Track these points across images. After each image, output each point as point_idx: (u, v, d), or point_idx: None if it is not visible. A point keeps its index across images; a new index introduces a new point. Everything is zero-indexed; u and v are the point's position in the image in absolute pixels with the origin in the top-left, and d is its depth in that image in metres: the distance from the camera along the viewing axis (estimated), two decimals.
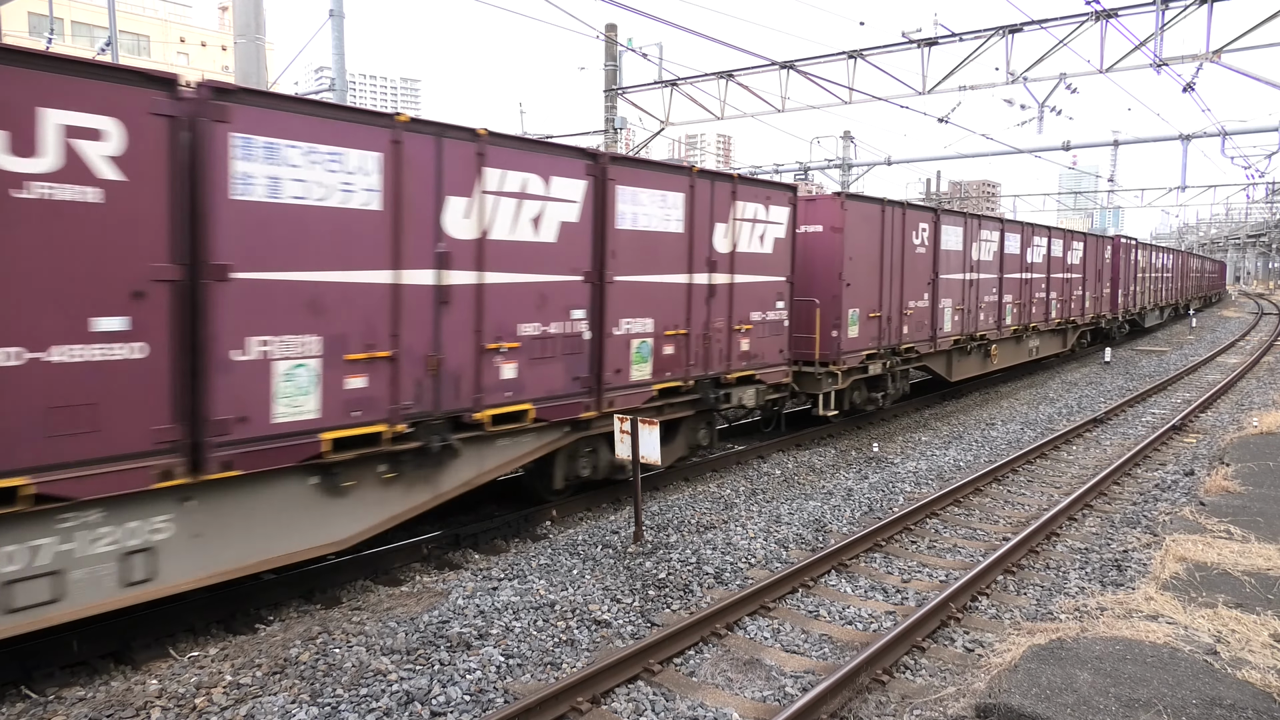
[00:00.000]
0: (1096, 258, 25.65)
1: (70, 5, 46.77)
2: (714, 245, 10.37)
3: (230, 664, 5.73)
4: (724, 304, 10.57)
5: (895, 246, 14.38)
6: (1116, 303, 27.92)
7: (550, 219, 8.14)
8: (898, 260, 14.47)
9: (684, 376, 10.00)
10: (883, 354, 14.16)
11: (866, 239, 13.53)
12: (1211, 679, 4.88)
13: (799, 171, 32.58)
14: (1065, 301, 22.89)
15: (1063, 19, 16.11)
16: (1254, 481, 9.70)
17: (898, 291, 14.50)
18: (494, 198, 7.59)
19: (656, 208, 9.45)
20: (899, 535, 8.76)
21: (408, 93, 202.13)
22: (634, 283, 9.19)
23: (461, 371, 7.36)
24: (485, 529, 8.59)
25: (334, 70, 13.38)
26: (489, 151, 7.50)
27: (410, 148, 6.88)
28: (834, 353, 12.85)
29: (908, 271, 14.71)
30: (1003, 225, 18.71)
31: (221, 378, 5.78)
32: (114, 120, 5.19)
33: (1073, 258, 23.50)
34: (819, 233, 13.00)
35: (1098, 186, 64.47)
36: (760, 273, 11.13)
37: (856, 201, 13.44)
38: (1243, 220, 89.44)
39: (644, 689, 5.49)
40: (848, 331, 13.13)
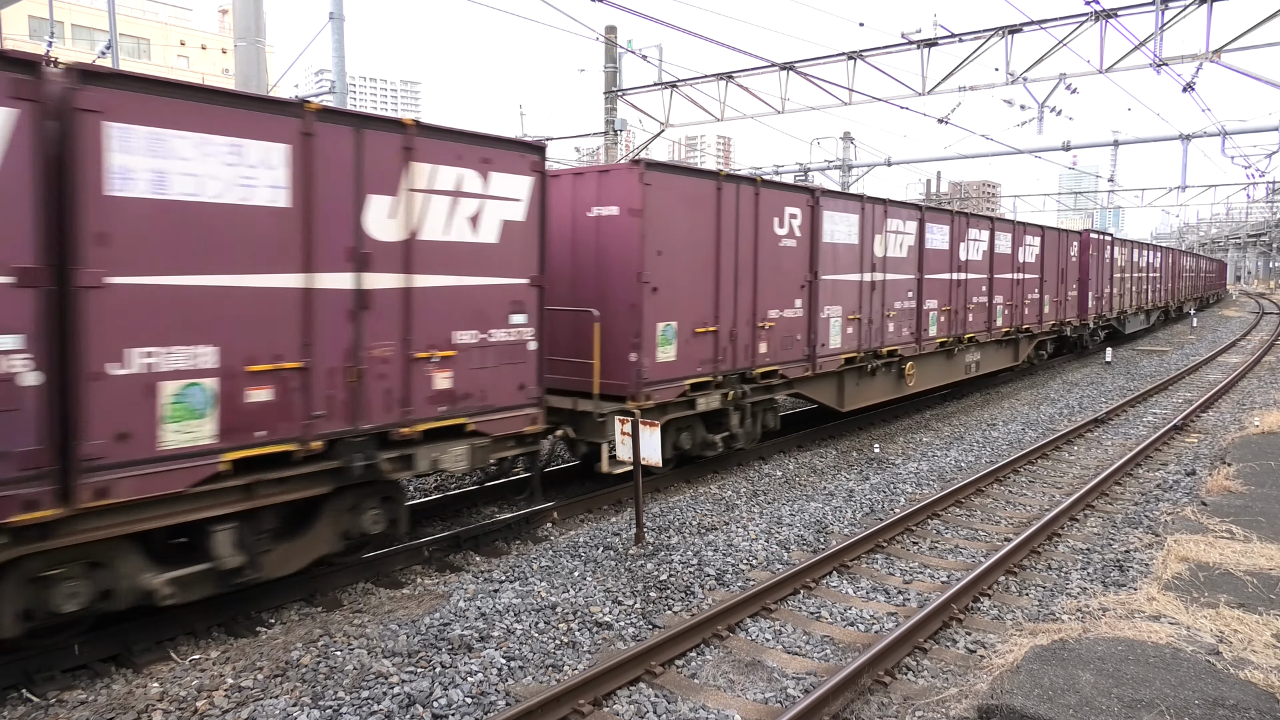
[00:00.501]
0: (1059, 255, 22.24)
1: (70, 9, 46.83)
2: (364, 229, 6.69)
3: (232, 667, 5.72)
4: (392, 320, 6.89)
5: (744, 238, 10.85)
6: (1086, 307, 24.50)
7: None
8: (748, 256, 10.92)
9: (298, 437, 6.29)
10: (722, 382, 10.66)
11: (689, 226, 10.01)
12: (1214, 679, 4.87)
13: (799, 172, 32.59)
14: (1015, 307, 19.36)
15: (1062, 19, 16.11)
16: (1256, 481, 9.69)
17: (748, 298, 10.94)
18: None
19: (214, 164, 5.80)
20: (900, 536, 8.75)
21: (408, 95, 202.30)
22: (153, 286, 5.55)
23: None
24: (486, 531, 8.59)
25: (334, 73, 13.39)
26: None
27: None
28: (633, 384, 9.42)
29: (766, 271, 11.21)
30: (922, 215, 15.23)
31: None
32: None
33: (1026, 255, 20.06)
34: (614, 217, 9.58)
35: (1098, 187, 64.48)
36: (470, 272, 7.49)
37: (669, 174, 9.77)
38: (1243, 220, 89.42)
39: (646, 691, 5.49)
40: (657, 354, 9.62)
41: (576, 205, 9.99)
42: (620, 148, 21.69)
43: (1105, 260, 26.61)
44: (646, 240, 9.43)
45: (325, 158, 6.38)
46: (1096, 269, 25.44)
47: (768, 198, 11.28)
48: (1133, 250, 31.15)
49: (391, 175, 6.85)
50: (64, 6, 45.00)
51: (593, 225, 9.80)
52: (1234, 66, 15.49)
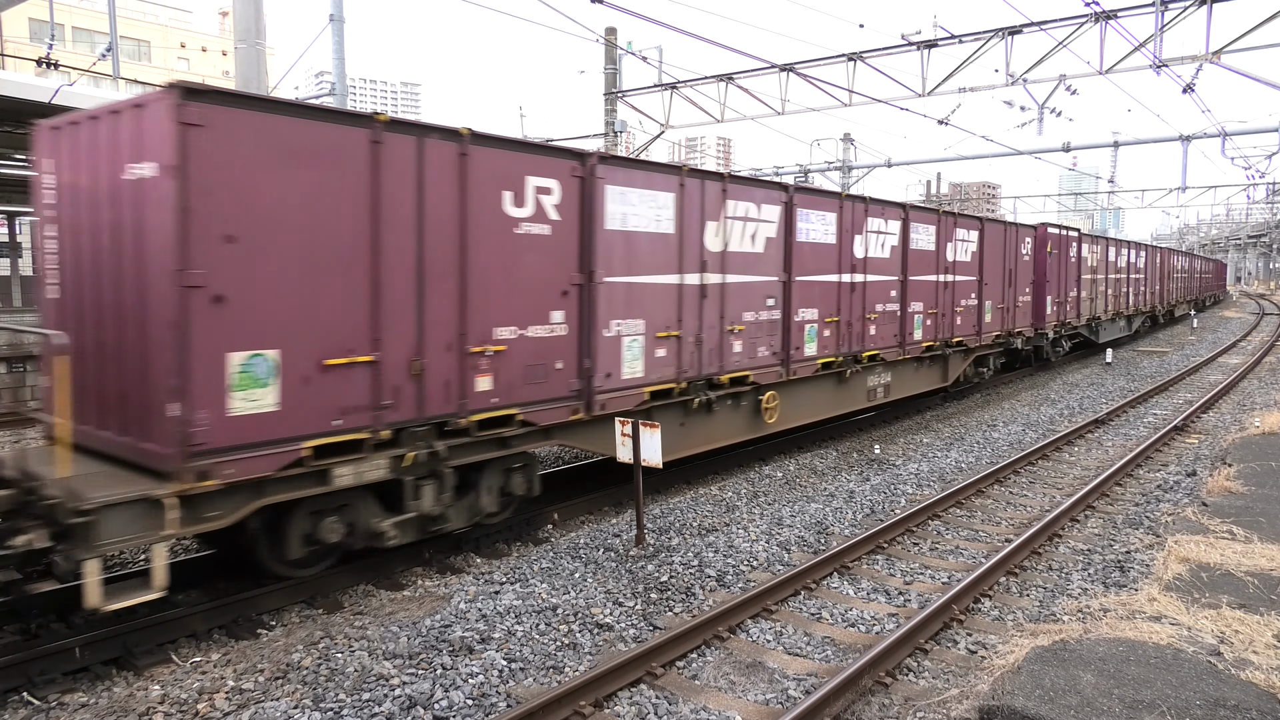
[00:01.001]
0: (1006, 253, 18.45)
1: (71, 11, 46.89)
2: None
3: (233, 669, 5.73)
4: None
5: (439, 220, 7.18)
6: (1043, 313, 20.72)
7: None
8: (450, 249, 7.28)
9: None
10: (394, 440, 6.94)
11: (310, 200, 6.28)
12: (1215, 680, 4.87)
13: (799, 174, 32.60)
14: (942, 315, 15.68)
15: (1062, 20, 16.13)
16: (1256, 482, 9.69)
17: (448, 311, 7.28)
18: None
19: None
20: (901, 537, 8.75)
21: (408, 96, 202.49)
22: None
23: None
24: (487, 532, 8.59)
25: (334, 75, 13.41)
26: None
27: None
28: (176, 453, 5.67)
29: (488, 270, 7.60)
30: (790, 197, 11.36)
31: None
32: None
33: (957, 252, 16.13)
34: (148, 180, 5.87)
35: (1098, 188, 64.50)
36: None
37: (254, 113, 5.96)
38: (1243, 221, 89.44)
39: (647, 692, 5.49)
40: (230, 403, 5.88)
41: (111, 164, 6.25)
42: (620, 149, 21.71)
43: (1070, 259, 22.93)
44: (197, 216, 5.70)
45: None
46: (1058, 270, 21.87)
47: (493, 164, 7.61)
48: (1107, 248, 27.38)
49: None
50: (64, 9, 45.05)
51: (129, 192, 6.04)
52: (1234, 68, 15.50)
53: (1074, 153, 28.38)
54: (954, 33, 17.29)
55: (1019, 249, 19.31)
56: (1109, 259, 27.69)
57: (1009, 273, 18.68)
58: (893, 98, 18.57)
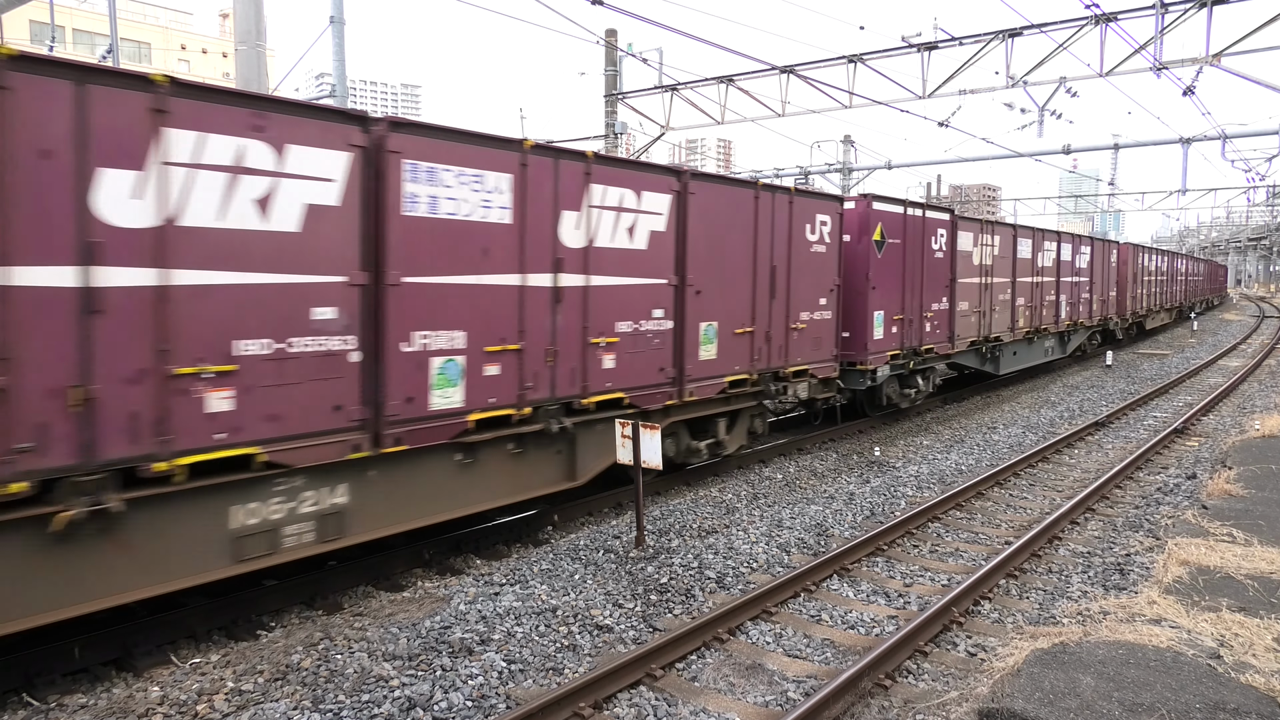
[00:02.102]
0: (776, 241, 11.10)
1: (72, 13, 46.93)
2: None
3: (232, 670, 5.72)
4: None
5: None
6: (863, 342, 13.37)
7: None
8: None
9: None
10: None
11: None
12: (1215, 683, 4.87)
13: (799, 175, 32.64)
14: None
15: (1062, 23, 16.14)
16: (1256, 485, 9.68)
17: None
18: None
19: None
20: (901, 539, 8.75)
21: (408, 98, 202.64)
22: None
23: None
24: (487, 533, 8.59)
25: (334, 76, 13.42)
26: None
27: None
28: None
29: None
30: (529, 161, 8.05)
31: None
32: None
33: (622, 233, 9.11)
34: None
35: (1098, 190, 64.51)
36: None
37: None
38: (1243, 224, 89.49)
39: (646, 694, 5.49)
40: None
41: None
42: (620, 150, 21.72)
43: (932, 252, 15.45)
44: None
45: None
46: (905, 268, 14.48)
47: None
48: (1015, 239, 19.41)
49: None
50: (65, 11, 45.10)
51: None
52: (1234, 70, 15.51)
53: (1074, 155, 28.40)
54: (954, 35, 17.31)
55: (801, 234, 11.71)
56: (1038, 260, 21.04)
57: (776, 274, 11.22)
58: (893, 100, 18.58)
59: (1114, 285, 28.38)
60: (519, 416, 7.93)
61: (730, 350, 10.46)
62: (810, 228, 11.84)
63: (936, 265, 15.66)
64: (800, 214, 11.59)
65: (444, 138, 7.12)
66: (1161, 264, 36.90)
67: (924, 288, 15.18)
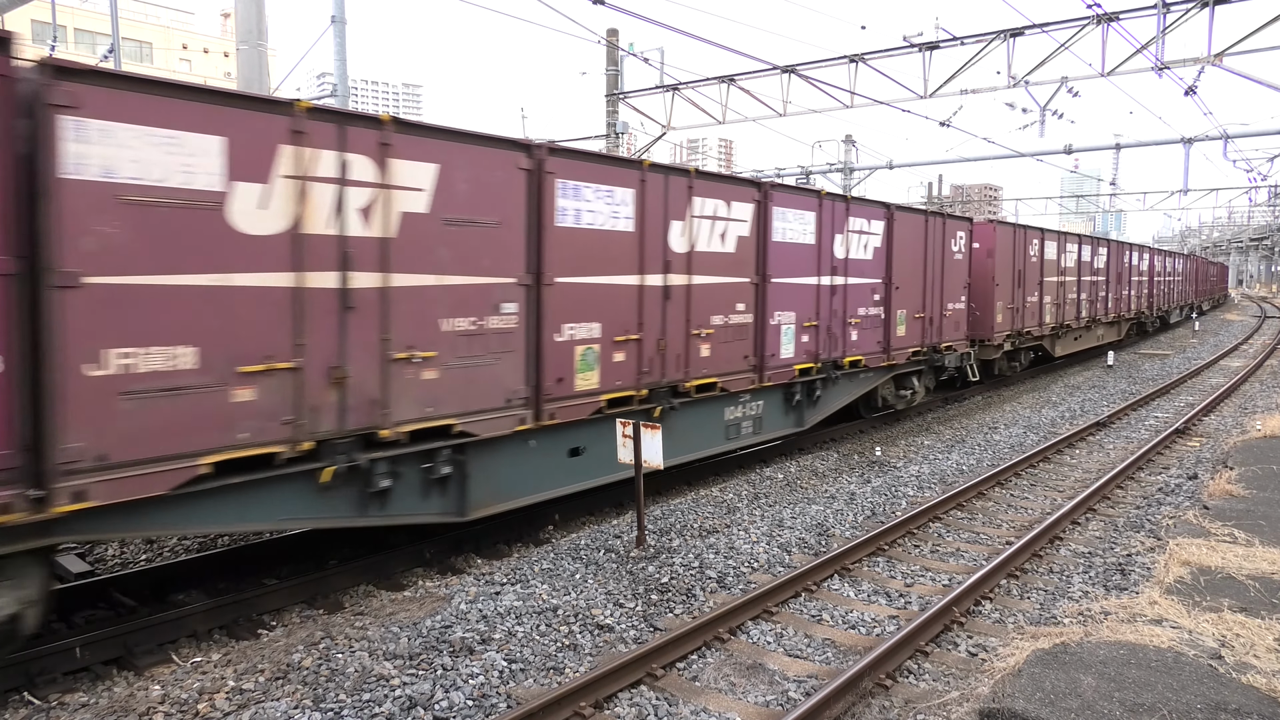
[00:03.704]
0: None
1: (73, 13, 46.97)
2: None
3: (233, 669, 5.72)
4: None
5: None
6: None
7: None
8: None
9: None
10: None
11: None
12: (1216, 684, 4.86)
13: (801, 175, 32.62)
14: None
15: (1064, 22, 16.13)
16: (1258, 485, 9.68)
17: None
18: None
19: None
20: (902, 539, 8.75)
21: (410, 98, 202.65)
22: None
23: None
24: (487, 533, 8.59)
25: (336, 76, 13.42)
26: None
27: None
28: None
29: None
30: None
31: None
32: None
33: None
34: None
35: (1100, 190, 64.42)
36: None
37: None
38: (1245, 224, 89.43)
39: (647, 694, 5.48)
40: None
41: None
42: (622, 150, 21.72)
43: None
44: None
45: None
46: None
47: None
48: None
49: None
50: (66, 10, 45.14)
51: None
52: (1236, 70, 15.49)
53: (1076, 155, 28.37)
54: (956, 34, 17.30)
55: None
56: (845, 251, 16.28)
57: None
58: (894, 99, 18.58)
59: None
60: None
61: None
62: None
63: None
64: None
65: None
66: (1135, 260, 36.93)
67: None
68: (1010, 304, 19.31)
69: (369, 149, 6.55)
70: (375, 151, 6.59)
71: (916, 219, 14.64)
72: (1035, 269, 20.87)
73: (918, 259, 14.61)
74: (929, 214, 15.35)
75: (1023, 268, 20.03)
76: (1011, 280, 19.38)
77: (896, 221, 13.85)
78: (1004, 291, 18.91)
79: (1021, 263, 19.96)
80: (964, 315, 16.65)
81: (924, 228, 14.85)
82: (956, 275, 16.20)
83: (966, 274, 16.67)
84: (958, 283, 16.31)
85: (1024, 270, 20.17)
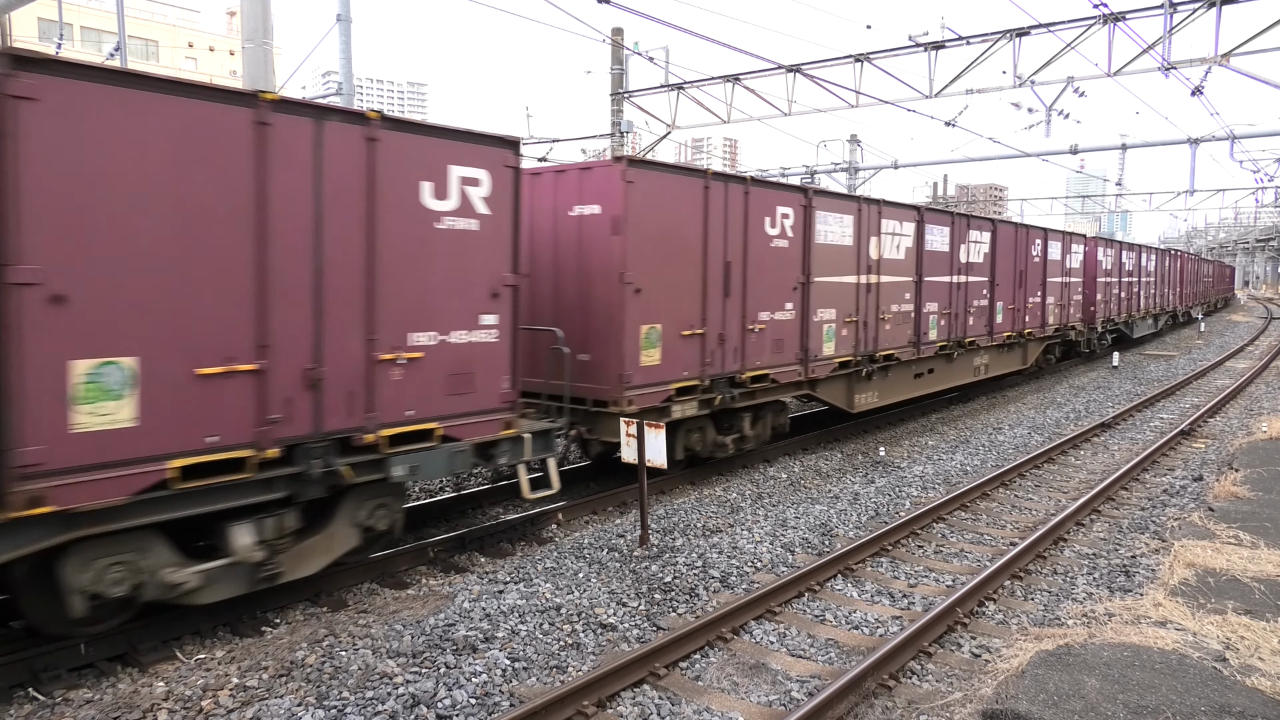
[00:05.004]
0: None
1: (79, 11, 47.07)
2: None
3: (237, 667, 5.74)
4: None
5: None
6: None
7: None
8: None
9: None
10: None
11: None
12: (1220, 686, 4.85)
13: (805, 175, 32.57)
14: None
15: (1070, 22, 16.08)
16: (1263, 487, 9.65)
17: None
18: None
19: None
20: (905, 540, 8.74)
21: (415, 97, 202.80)
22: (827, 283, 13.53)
23: None
24: (491, 532, 8.60)
25: (341, 75, 13.44)
26: None
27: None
28: None
29: None
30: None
31: None
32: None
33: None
34: None
35: (1106, 190, 64.27)
36: None
37: None
38: (1251, 224, 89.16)
39: (650, 693, 5.49)
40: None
41: None
42: (627, 149, 21.72)
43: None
44: None
45: None
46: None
47: None
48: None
49: None
50: (73, 9, 45.23)
51: None
52: (1243, 70, 15.43)
53: (1081, 155, 28.26)
54: (961, 34, 17.25)
55: None
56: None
57: None
58: (900, 99, 18.54)
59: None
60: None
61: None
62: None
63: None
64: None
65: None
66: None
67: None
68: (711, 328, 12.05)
69: None
70: None
71: None
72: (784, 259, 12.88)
73: None
74: None
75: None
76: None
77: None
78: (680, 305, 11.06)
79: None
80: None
81: None
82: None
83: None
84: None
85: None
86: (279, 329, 6.03)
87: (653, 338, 9.46)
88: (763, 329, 11.12)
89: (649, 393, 9.47)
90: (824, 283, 12.29)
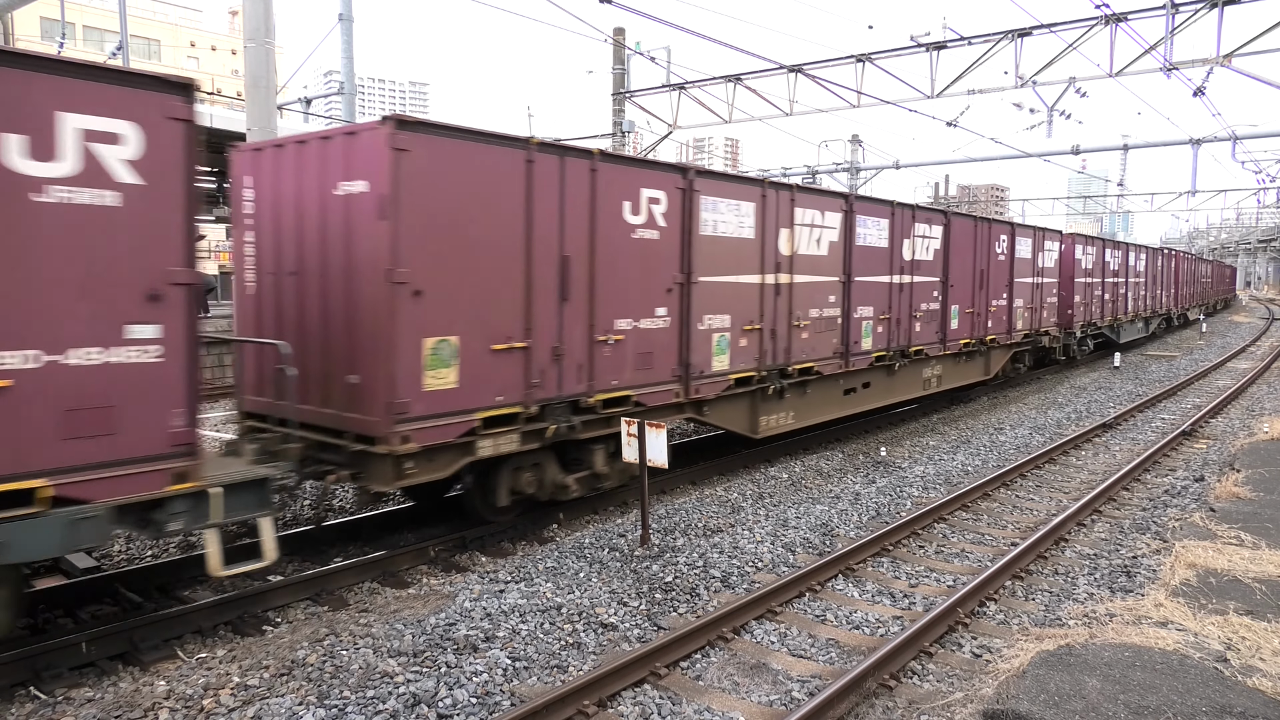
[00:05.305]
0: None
1: (82, 10, 47.14)
2: None
3: (238, 665, 5.74)
4: None
5: None
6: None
7: None
8: None
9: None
10: None
11: None
12: (1221, 686, 4.85)
13: (807, 175, 32.58)
14: None
15: (1072, 23, 16.08)
16: (1265, 488, 9.64)
17: None
18: None
19: None
20: (906, 540, 8.73)
21: (416, 96, 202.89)
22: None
23: None
24: (492, 531, 8.60)
25: (343, 74, 13.46)
26: None
27: None
28: None
29: None
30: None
31: None
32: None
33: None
34: None
35: (1107, 191, 64.23)
36: None
37: None
38: (1253, 225, 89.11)
39: (650, 693, 5.49)
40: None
41: None
42: (628, 149, 21.72)
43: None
44: None
45: None
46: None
47: None
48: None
49: None
50: (75, 8, 45.28)
51: None
52: (1245, 71, 15.43)
53: (1083, 156, 28.28)
54: (963, 34, 17.26)
55: None
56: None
57: None
58: (901, 99, 18.54)
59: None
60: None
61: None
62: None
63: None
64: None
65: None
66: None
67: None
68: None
69: None
70: None
71: None
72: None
73: None
74: None
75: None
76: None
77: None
78: None
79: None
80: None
81: None
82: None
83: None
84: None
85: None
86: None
87: (444, 354, 7.37)
88: (620, 340, 9.09)
89: (438, 426, 7.34)
90: (713, 283, 10.25)
